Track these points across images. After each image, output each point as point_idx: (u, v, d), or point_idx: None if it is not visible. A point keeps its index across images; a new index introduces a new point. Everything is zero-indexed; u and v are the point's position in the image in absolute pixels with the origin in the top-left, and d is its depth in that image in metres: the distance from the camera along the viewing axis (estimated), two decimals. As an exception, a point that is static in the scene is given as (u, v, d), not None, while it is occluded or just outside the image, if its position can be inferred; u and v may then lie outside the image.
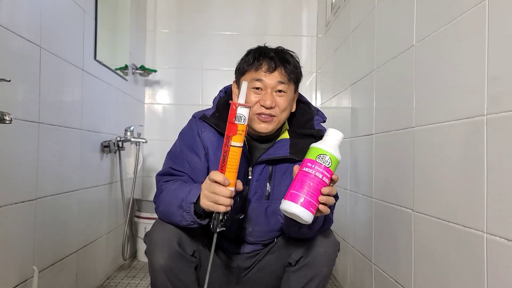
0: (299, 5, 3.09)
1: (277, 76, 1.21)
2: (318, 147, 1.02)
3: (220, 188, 1.01)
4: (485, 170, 0.95)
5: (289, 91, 1.23)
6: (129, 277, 2.34)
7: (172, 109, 3.06)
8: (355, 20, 2.04)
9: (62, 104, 1.66)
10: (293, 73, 1.24)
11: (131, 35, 2.62)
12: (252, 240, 1.32)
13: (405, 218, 1.38)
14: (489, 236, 0.94)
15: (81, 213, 1.86)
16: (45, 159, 1.51)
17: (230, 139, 0.99)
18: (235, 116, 0.99)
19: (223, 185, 1.01)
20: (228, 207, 1.02)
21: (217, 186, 1.01)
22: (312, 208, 0.99)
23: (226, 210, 1.03)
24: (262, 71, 1.21)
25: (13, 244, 1.31)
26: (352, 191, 2.05)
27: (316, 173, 0.99)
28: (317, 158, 1.00)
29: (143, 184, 3.00)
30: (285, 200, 1.01)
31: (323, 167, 0.99)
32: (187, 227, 1.14)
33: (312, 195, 0.98)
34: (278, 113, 1.22)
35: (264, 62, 1.21)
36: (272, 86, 1.21)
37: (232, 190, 1.02)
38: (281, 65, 1.22)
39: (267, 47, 1.27)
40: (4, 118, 1.10)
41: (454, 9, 1.10)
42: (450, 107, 1.11)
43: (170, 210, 1.15)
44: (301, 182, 1.00)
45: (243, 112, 0.99)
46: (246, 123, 1.00)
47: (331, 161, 1.00)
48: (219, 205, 1.02)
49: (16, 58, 1.31)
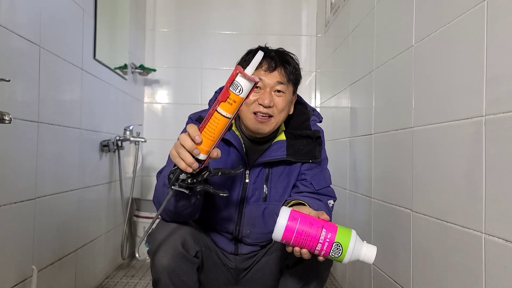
0: (299, 4, 3.09)
1: (276, 76, 1.21)
2: (349, 239, 0.95)
3: (188, 141, 0.91)
4: (483, 171, 0.95)
5: (287, 92, 1.23)
6: (128, 276, 2.34)
7: (171, 108, 3.06)
8: (355, 20, 2.04)
9: (61, 104, 1.66)
10: (293, 74, 1.24)
11: (130, 34, 2.61)
12: (250, 241, 1.32)
13: (404, 218, 1.39)
14: (488, 236, 0.94)
15: (80, 212, 1.86)
16: (44, 159, 1.51)
17: (217, 104, 0.89)
18: (231, 82, 0.88)
19: (193, 140, 0.91)
20: (188, 167, 0.92)
21: (187, 139, 0.91)
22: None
23: (185, 169, 0.92)
24: (262, 70, 1.21)
25: (12, 243, 1.31)
26: (351, 191, 2.05)
27: (319, 243, 0.95)
28: (335, 243, 0.94)
29: (142, 183, 3.00)
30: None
31: (327, 248, 0.95)
32: (176, 204, 1.08)
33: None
34: (276, 113, 1.22)
35: (264, 61, 1.21)
36: (271, 85, 1.21)
37: (198, 151, 0.91)
38: (281, 65, 1.22)
39: (268, 47, 1.27)
40: (3, 118, 1.09)
41: (453, 10, 1.10)
42: (449, 107, 1.12)
43: (159, 192, 1.15)
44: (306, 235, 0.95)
45: (242, 83, 0.87)
46: (241, 95, 0.88)
47: (341, 251, 0.95)
48: (180, 159, 0.93)
49: (15, 58, 1.31)
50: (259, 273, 1.33)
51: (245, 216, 1.29)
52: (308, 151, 1.28)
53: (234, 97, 0.88)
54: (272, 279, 1.30)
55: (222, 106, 0.89)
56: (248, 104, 1.21)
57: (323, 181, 1.31)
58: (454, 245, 1.08)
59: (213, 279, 1.31)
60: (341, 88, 2.29)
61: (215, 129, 0.90)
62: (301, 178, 1.31)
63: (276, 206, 1.28)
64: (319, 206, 1.23)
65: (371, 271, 1.71)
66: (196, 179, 0.96)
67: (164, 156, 1.31)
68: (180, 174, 0.95)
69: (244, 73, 0.87)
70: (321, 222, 0.97)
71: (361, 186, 1.88)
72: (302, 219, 0.96)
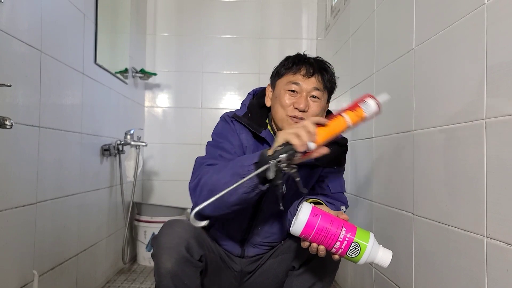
0: (299, 8, 3.10)
1: (313, 82, 1.23)
2: (368, 240, 0.96)
3: (311, 126, 0.96)
4: (484, 174, 0.95)
5: (323, 99, 1.25)
6: (129, 280, 2.33)
7: (172, 112, 3.06)
8: (355, 23, 2.04)
9: (63, 108, 1.66)
10: (329, 82, 1.26)
11: (131, 38, 2.62)
12: (259, 240, 1.32)
13: (405, 222, 1.38)
14: (489, 240, 0.94)
15: (81, 216, 1.86)
16: (45, 163, 1.51)
17: (344, 111, 1.00)
18: (363, 101, 1.01)
19: (316, 124, 0.98)
20: (302, 145, 0.94)
21: (312, 125, 0.97)
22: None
23: (299, 146, 0.94)
24: (300, 75, 1.23)
25: (13, 248, 1.31)
26: (352, 195, 2.05)
27: (338, 241, 0.95)
28: (354, 243, 0.95)
29: (143, 187, 3.00)
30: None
31: (346, 245, 0.96)
32: (240, 199, 1.04)
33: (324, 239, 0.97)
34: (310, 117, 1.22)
35: (303, 66, 1.23)
36: (308, 90, 1.22)
37: (315, 137, 0.97)
38: (319, 72, 1.24)
39: (307, 55, 1.29)
40: (4, 123, 1.10)
41: (453, 13, 1.11)
42: (450, 110, 1.12)
43: (221, 182, 1.04)
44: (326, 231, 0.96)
45: (371, 105, 1.01)
46: (366, 115, 1.01)
47: (359, 251, 0.96)
48: (296, 136, 0.94)
49: (16, 63, 1.32)
50: (264, 276, 1.33)
51: (261, 212, 1.29)
52: (334, 158, 1.30)
53: (360, 112, 1.01)
54: (277, 282, 1.31)
55: (349, 114, 1.00)
56: (285, 106, 1.22)
57: (339, 187, 1.35)
58: (455, 249, 1.07)
59: (216, 283, 1.31)
60: (341, 91, 2.30)
61: (335, 128, 1.00)
62: (319, 180, 1.34)
63: (290, 206, 1.28)
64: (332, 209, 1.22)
65: (372, 275, 1.70)
66: (291, 166, 0.96)
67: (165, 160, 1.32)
68: (284, 153, 0.94)
69: (375, 98, 1.02)
70: (341, 221, 0.98)
71: (362, 189, 1.88)
72: (324, 216, 0.97)
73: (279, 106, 1.23)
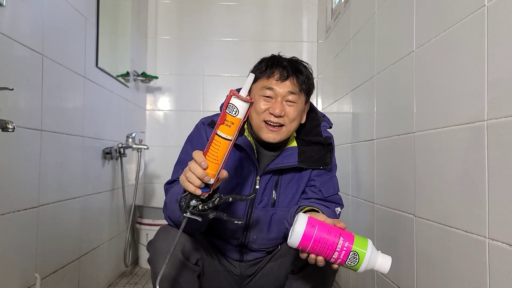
0: (299, 11, 3.11)
1: (288, 86, 1.20)
2: (366, 248, 0.95)
3: (194, 165, 0.92)
4: (486, 175, 0.95)
5: (299, 102, 1.23)
6: (131, 283, 2.33)
7: (174, 115, 3.07)
8: (356, 25, 2.05)
9: (64, 112, 1.67)
10: (305, 83, 1.23)
11: (132, 42, 2.63)
12: (256, 247, 1.32)
13: (407, 224, 1.38)
14: (491, 241, 0.94)
15: (83, 220, 1.87)
16: (47, 166, 1.51)
17: (217, 127, 0.90)
18: (227, 105, 0.89)
19: (199, 165, 0.91)
20: (197, 190, 0.92)
21: (193, 163, 0.92)
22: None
23: (195, 191, 0.93)
24: (273, 80, 1.20)
25: (15, 251, 1.32)
26: (353, 197, 2.04)
27: (336, 251, 0.94)
28: (352, 252, 0.94)
29: (145, 190, 3.00)
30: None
31: (344, 256, 0.94)
32: (189, 226, 1.03)
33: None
34: (287, 122, 1.21)
35: (276, 70, 1.21)
36: (283, 95, 1.20)
37: (209, 177, 0.92)
38: (293, 75, 1.21)
39: (281, 56, 1.26)
40: (7, 126, 1.10)
41: (453, 15, 1.11)
42: (451, 112, 1.12)
43: (170, 209, 1.14)
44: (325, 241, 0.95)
45: (237, 104, 0.89)
46: (238, 116, 0.89)
47: (358, 260, 0.95)
48: (189, 182, 0.93)
49: (18, 66, 1.32)
50: (264, 280, 1.33)
51: (252, 221, 1.28)
52: (319, 158, 1.27)
53: (231, 119, 0.89)
54: (277, 285, 1.30)
55: (222, 129, 0.90)
56: (259, 112, 1.20)
57: (332, 189, 1.31)
58: (457, 250, 1.07)
59: (215, 286, 1.31)
60: (342, 93, 2.30)
61: (218, 152, 0.91)
62: (310, 184, 1.30)
63: (284, 212, 1.27)
64: (328, 213, 1.22)
65: (374, 277, 1.70)
66: (207, 205, 0.96)
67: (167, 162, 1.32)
68: (190, 201, 0.95)
69: (238, 94, 0.88)
70: (339, 230, 0.96)
71: (364, 191, 1.88)
72: (320, 226, 0.95)
73: (254, 112, 1.21)
